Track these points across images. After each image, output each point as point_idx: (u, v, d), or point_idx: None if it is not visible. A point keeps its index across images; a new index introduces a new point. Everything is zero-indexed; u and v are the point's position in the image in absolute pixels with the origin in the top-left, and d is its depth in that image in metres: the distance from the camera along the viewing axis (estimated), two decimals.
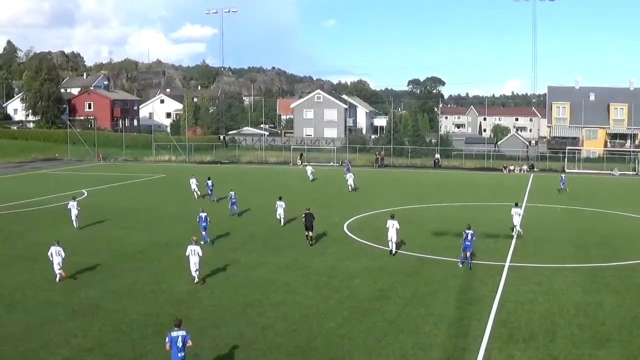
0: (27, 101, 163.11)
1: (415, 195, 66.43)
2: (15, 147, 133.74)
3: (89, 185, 76.94)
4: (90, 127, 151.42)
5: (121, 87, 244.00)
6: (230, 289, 33.95)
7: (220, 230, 49.69)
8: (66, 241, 46.60)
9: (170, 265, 39.44)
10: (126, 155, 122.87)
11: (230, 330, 27.56)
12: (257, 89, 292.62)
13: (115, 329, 28.31)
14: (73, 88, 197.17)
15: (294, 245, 44.67)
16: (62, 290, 34.70)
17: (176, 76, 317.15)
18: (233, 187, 60.48)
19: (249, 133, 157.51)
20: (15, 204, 65.31)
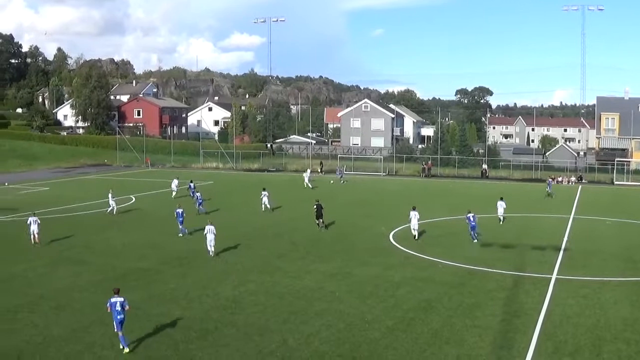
0: (77, 107, 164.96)
1: (462, 205, 65.96)
2: (65, 152, 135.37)
3: (136, 191, 77.66)
4: (138, 133, 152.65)
5: (170, 95, 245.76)
6: (275, 297, 34.06)
7: (265, 238, 49.92)
8: (112, 246, 47.36)
9: (216, 271, 39.67)
10: (174, 162, 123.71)
11: (274, 338, 27.64)
12: (304, 97, 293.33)
13: (159, 332, 28.60)
14: (122, 95, 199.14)
15: (339, 253, 44.70)
16: (108, 293, 34.88)
17: (224, 84, 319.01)
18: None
19: (296, 141, 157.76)
20: (63, 208, 66.22)
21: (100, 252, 45.80)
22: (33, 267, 41.12)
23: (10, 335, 28.61)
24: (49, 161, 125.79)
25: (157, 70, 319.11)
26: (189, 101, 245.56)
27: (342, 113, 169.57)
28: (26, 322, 30.32)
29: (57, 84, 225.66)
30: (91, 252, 46.12)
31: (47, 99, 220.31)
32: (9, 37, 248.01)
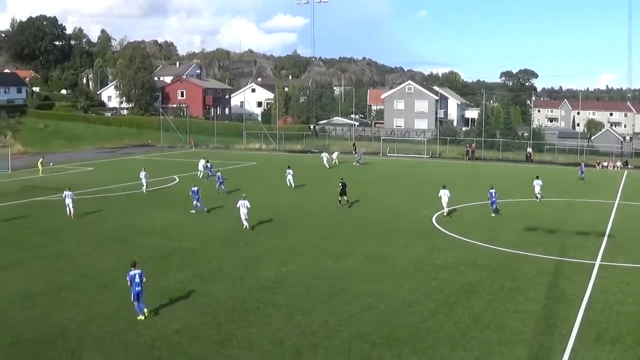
0: (121, 89, 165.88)
1: (506, 189, 65.68)
2: (108, 133, 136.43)
3: (179, 172, 78.16)
4: (182, 114, 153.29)
5: (213, 76, 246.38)
6: (317, 277, 34.19)
7: (308, 219, 50.08)
8: (156, 226, 47.79)
9: (259, 251, 39.91)
10: (217, 142, 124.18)
11: (315, 318, 27.79)
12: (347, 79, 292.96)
13: (202, 312, 28.87)
14: (166, 76, 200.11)
15: (382, 235, 44.70)
16: (151, 272, 35.33)
17: (267, 66, 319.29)
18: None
19: (339, 123, 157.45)
20: (107, 188, 66.92)
21: (144, 232, 46.28)
22: (78, 246, 41.69)
23: (54, 312, 29.09)
24: (93, 142, 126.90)
25: (201, 51, 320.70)
26: (232, 82, 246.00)
27: (386, 95, 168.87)
28: (70, 300, 30.79)
29: (101, 66, 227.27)
30: (135, 231, 46.59)
31: (91, 81, 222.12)
32: (53, 19, 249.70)
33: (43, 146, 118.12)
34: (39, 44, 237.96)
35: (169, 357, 24.05)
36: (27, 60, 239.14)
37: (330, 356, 23.98)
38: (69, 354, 24.49)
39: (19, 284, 33.65)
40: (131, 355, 24.25)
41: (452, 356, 24.12)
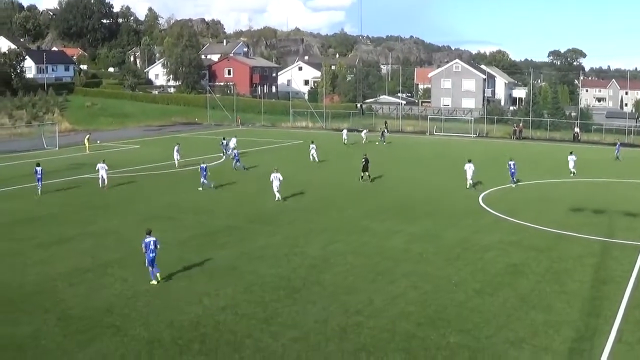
0: (168, 67, 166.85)
1: (553, 169, 65.04)
2: (156, 111, 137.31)
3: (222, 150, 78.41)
4: (229, 92, 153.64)
5: (260, 55, 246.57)
6: (363, 256, 34.15)
7: (355, 198, 50.01)
8: (201, 204, 48.05)
9: (305, 230, 39.96)
10: (264, 121, 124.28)
11: (360, 297, 27.75)
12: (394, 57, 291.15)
13: (247, 289, 28.99)
14: (213, 55, 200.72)
15: (428, 214, 44.49)
16: (197, 249, 35.67)
17: (314, 44, 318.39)
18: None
19: (386, 102, 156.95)
20: (154, 165, 67.43)
21: (190, 210, 46.57)
22: (125, 224, 42.08)
23: (101, 289, 29.40)
24: (140, 120, 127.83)
25: (248, 30, 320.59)
26: (279, 61, 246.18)
27: (433, 73, 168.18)
28: (116, 277, 31.11)
29: (149, 44, 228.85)
30: (181, 209, 46.87)
31: (139, 59, 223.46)
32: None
33: (90, 124, 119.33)
34: (87, 22, 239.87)
35: (214, 335, 24.16)
36: (75, 39, 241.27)
37: (374, 335, 23.94)
38: (114, 330, 24.72)
39: (66, 260, 34.08)
40: (176, 332, 24.40)
41: (497, 336, 23.96)
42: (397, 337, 23.83)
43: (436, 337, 23.80)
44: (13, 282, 30.68)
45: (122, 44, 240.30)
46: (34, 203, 49.43)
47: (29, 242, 38.09)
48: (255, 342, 23.44)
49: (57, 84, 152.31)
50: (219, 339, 23.84)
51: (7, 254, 35.73)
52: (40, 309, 27.14)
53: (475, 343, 23.42)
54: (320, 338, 23.73)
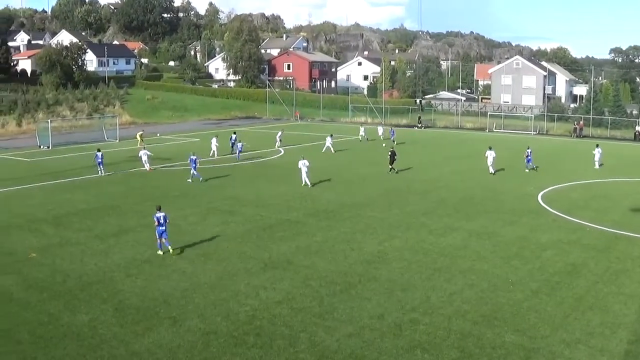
0: (228, 61, 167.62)
1: (614, 168, 64.09)
2: (215, 104, 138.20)
3: (284, 144, 78.55)
4: (288, 87, 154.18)
5: (320, 49, 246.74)
6: (420, 253, 34.02)
7: (413, 194, 49.79)
8: (260, 197, 48.25)
9: (362, 226, 39.90)
10: (323, 115, 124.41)
11: (417, 294, 27.66)
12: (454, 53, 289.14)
13: (304, 284, 29.08)
14: (273, 49, 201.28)
15: (486, 212, 44.11)
16: (254, 243, 35.84)
17: (374, 39, 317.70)
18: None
19: (446, 97, 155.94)
20: (213, 159, 67.79)
21: (249, 203, 46.81)
22: (184, 216, 42.44)
23: (159, 280, 29.76)
24: (200, 113, 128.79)
25: (307, 24, 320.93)
26: (339, 56, 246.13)
27: (493, 70, 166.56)
28: (174, 268, 31.45)
29: (209, 38, 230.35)
30: (240, 202, 47.14)
31: (199, 53, 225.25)
32: None
33: (150, 117, 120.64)
34: (148, 16, 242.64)
35: (270, 328, 24.28)
36: (136, 32, 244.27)
37: (430, 332, 23.86)
38: (171, 321, 24.99)
39: (124, 251, 34.56)
40: (232, 325, 24.58)
41: (553, 337, 23.70)
42: (452, 335, 23.72)
43: (491, 336, 23.64)
44: (72, 272, 31.20)
45: (182, 38, 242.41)
46: (93, 194, 50.12)
47: (88, 232, 38.68)
48: (310, 337, 23.51)
49: (118, 77, 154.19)
50: (274, 332, 23.96)
51: (67, 244, 36.35)
52: (98, 298, 27.59)
53: (531, 343, 23.21)
54: (375, 334, 23.71)
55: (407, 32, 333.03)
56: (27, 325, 24.97)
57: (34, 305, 27.12)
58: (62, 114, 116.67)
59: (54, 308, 26.71)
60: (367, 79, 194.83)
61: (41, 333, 24.22)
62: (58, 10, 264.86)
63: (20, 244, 36.54)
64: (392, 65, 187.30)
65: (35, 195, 50.72)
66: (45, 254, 34.39)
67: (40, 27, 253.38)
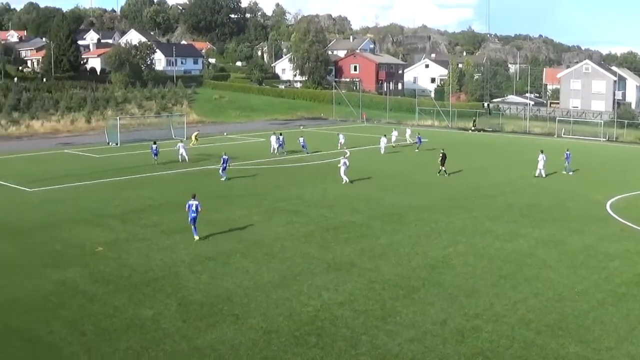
0: (294, 62, 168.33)
1: None
2: (282, 105, 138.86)
3: (350, 145, 78.49)
4: (355, 89, 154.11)
5: (386, 51, 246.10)
6: (485, 259, 33.68)
7: (479, 199, 49.34)
8: (326, 198, 48.29)
9: (427, 229, 39.68)
10: (389, 118, 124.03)
11: (480, 301, 27.40)
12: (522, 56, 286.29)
13: (367, 286, 29.03)
14: (339, 50, 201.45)
15: (553, 219, 43.42)
16: (319, 244, 35.89)
17: (441, 41, 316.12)
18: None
19: (513, 102, 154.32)
20: (279, 159, 68.07)
21: (314, 203, 46.93)
22: (249, 215, 42.75)
23: (223, 277, 30.05)
24: (267, 113, 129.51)
25: (374, 26, 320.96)
26: (406, 58, 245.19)
27: (562, 74, 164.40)
28: (238, 266, 31.71)
29: (276, 39, 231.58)
30: (305, 203, 47.26)
31: (266, 53, 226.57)
32: None
33: (217, 116, 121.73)
34: (215, 16, 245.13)
35: (331, 329, 24.30)
36: (204, 33, 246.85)
37: (493, 340, 23.61)
38: (233, 318, 25.21)
39: (190, 248, 34.98)
40: (294, 324, 24.69)
41: (618, 349, 23.27)
42: (515, 344, 23.44)
43: (555, 347, 23.30)
44: (138, 267, 31.71)
45: (249, 39, 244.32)
46: (160, 191, 50.77)
47: (154, 228, 39.24)
48: (372, 340, 23.45)
49: (185, 76, 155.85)
50: (335, 333, 23.96)
51: (134, 239, 36.94)
52: (162, 293, 28.01)
53: (595, 355, 22.82)
54: (437, 340, 23.55)
55: (475, 35, 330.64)
56: (92, 317, 25.48)
57: (99, 297, 27.67)
58: (131, 111, 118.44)
59: (118, 301, 27.20)
60: (434, 81, 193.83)
61: (105, 325, 24.70)
62: (127, 10, 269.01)
63: (87, 238, 37.26)
64: (460, 68, 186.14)
65: (103, 191, 51.59)
66: (111, 249, 35.02)
67: (110, 27, 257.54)
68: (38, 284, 29.34)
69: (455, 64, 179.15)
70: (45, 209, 45.60)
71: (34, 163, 68.42)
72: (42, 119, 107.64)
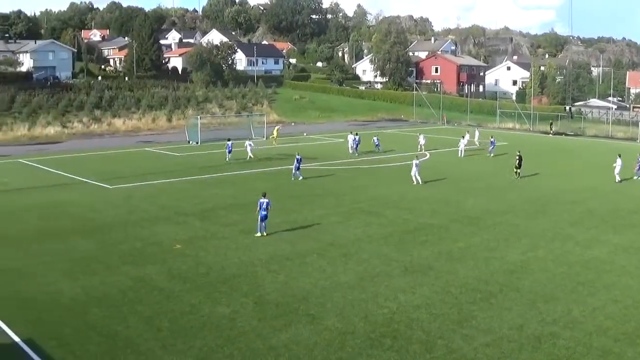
0: (375, 63, 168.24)
1: None
2: (362, 106, 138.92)
3: (430, 147, 78.14)
4: (435, 90, 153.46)
5: (468, 53, 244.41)
6: (564, 265, 33.20)
7: (560, 204, 48.59)
8: (405, 199, 48.18)
9: (505, 234, 39.30)
10: (470, 120, 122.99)
11: (558, 307, 27.05)
12: (605, 59, 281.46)
13: (444, 290, 28.91)
14: (420, 52, 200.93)
15: (635, 226, 42.51)
16: (396, 246, 35.85)
17: (523, 43, 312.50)
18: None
19: (596, 105, 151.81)
20: (358, 160, 68.14)
21: (393, 205, 46.89)
22: (327, 215, 42.97)
23: (300, 277, 30.25)
24: (347, 114, 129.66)
25: (456, 27, 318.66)
26: (487, 60, 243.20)
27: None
28: (315, 267, 31.86)
29: (357, 40, 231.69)
30: (384, 204, 47.23)
31: (347, 54, 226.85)
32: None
33: (297, 116, 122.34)
34: (297, 17, 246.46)
35: (407, 332, 24.28)
36: (285, 33, 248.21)
37: (569, 347, 23.32)
38: (309, 318, 25.37)
39: (267, 247, 35.28)
40: (369, 326, 24.72)
41: None
42: (592, 351, 23.10)
43: (632, 355, 22.90)
44: (215, 265, 32.18)
45: (330, 40, 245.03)
46: (240, 190, 51.29)
47: (233, 227, 39.72)
48: (447, 344, 23.38)
49: (266, 76, 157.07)
50: (410, 336, 23.95)
51: (213, 237, 37.47)
52: (239, 292, 28.33)
53: None
54: (513, 345, 23.36)
55: (557, 37, 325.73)
56: (168, 313, 25.91)
57: (176, 295, 28.11)
58: (211, 111, 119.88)
59: (195, 299, 27.58)
60: (515, 83, 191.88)
61: (182, 322, 25.08)
62: (209, 10, 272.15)
63: (166, 235, 37.86)
64: (542, 71, 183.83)
65: (183, 189, 52.35)
66: (190, 246, 35.54)
67: (191, 26, 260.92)
68: (117, 281, 29.93)
69: (537, 67, 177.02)
70: (125, 206, 46.53)
71: (115, 160, 69.85)
72: (124, 117, 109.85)
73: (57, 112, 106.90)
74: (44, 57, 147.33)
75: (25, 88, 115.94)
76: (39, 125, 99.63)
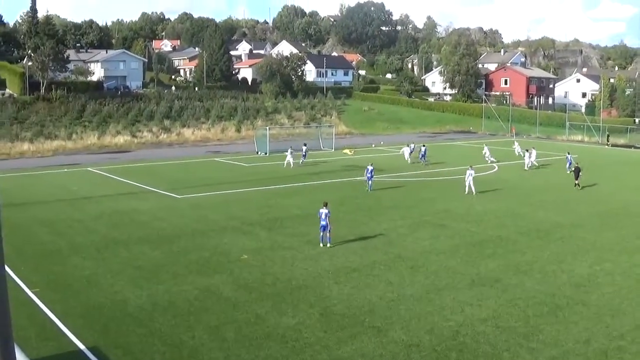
0: (445, 74, 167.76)
1: None
2: (431, 118, 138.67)
3: (499, 160, 77.68)
4: (505, 102, 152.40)
5: (537, 65, 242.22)
6: (632, 278, 32.77)
7: (628, 217, 47.98)
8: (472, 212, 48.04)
9: (573, 247, 38.95)
10: (539, 132, 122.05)
11: (625, 321, 26.73)
12: None
13: (511, 303, 28.72)
14: (490, 64, 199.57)
15: None
16: (463, 259, 35.74)
17: (593, 56, 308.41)
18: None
19: None
20: (425, 172, 68.11)
21: (460, 218, 46.75)
22: (395, 227, 42.99)
23: (366, 289, 30.28)
24: (415, 126, 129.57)
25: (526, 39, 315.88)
26: (557, 72, 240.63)
27: None
28: (382, 279, 31.88)
29: (426, 51, 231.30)
30: (451, 216, 47.12)
31: (416, 66, 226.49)
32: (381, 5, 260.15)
33: (366, 128, 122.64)
34: (367, 28, 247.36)
35: (473, 345, 24.22)
36: (354, 45, 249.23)
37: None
38: (375, 330, 25.39)
39: (334, 258, 35.38)
40: (435, 339, 24.69)
41: None
42: None
43: None
44: (282, 275, 32.38)
45: (400, 51, 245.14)
46: (308, 201, 51.40)
47: (300, 238, 39.96)
48: (513, 357, 23.27)
49: (335, 87, 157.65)
50: (476, 349, 23.88)
51: (279, 247, 37.74)
52: (305, 303, 28.45)
53: None
54: (579, 359, 23.21)
55: (627, 49, 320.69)
56: (234, 323, 26.13)
57: (242, 304, 28.34)
58: (280, 122, 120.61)
59: (261, 309, 27.77)
60: (585, 96, 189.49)
61: (247, 332, 25.25)
62: (279, 21, 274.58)
63: (234, 245, 38.29)
64: (611, 83, 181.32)
65: (251, 199, 52.91)
66: (256, 256, 35.86)
67: (262, 38, 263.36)
68: (183, 290, 30.24)
69: (607, 79, 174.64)
70: (193, 215, 47.15)
71: (183, 170, 70.85)
72: (193, 127, 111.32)
73: (127, 121, 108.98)
74: (114, 67, 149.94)
75: (96, 97, 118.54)
76: (108, 134, 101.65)
